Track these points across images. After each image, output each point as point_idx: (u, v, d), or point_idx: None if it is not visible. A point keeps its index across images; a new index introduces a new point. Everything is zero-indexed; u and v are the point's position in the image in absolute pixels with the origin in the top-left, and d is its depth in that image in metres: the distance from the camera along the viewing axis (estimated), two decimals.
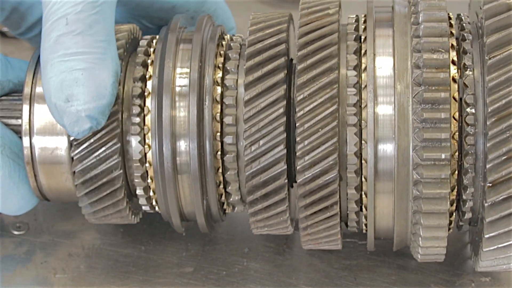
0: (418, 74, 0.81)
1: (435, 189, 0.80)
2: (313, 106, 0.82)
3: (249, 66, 0.85)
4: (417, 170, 0.81)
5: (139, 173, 0.88)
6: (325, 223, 0.84)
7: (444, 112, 0.80)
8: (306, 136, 0.82)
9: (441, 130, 0.80)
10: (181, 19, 0.92)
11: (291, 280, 0.95)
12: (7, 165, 0.88)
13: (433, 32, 0.81)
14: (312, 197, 0.83)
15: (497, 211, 0.80)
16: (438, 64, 0.80)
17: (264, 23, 0.88)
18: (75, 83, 0.82)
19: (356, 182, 0.84)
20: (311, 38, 0.84)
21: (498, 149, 0.79)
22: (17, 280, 0.96)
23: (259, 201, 0.85)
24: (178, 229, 0.92)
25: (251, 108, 0.84)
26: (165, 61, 0.87)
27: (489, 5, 0.82)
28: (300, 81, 0.83)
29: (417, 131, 0.80)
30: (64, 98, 0.82)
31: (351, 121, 0.83)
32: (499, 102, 0.79)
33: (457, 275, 0.94)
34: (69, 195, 0.91)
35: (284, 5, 1.39)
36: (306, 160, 0.82)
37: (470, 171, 0.82)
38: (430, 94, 0.80)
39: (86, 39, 0.82)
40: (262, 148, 0.84)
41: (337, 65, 0.83)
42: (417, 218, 0.82)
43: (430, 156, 0.80)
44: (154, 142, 0.86)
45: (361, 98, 0.83)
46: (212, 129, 0.86)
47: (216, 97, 0.86)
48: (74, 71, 0.82)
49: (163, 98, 0.86)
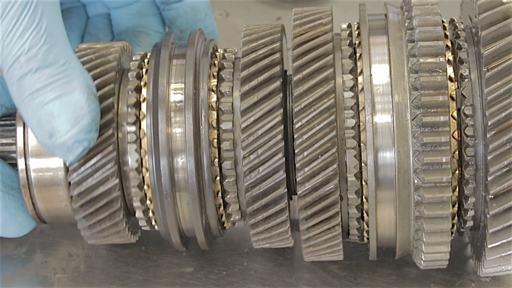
0: (416, 85, 0.80)
1: (436, 193, 0.80)
2: (311, 117, 0.82)
3: (244, 76, 0.84)
4: (418, 175, 0.81)
5: (137, 193, 0.87)
6: (327, 233, 0.84)
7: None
8: (305, 148, 0.82)
9: (440, 134, 0.80)
10: (173, 34, 0.91)
11: (291, 280, 0.95)
12: (1, 199, 0.88)
13: (429, 51, 0.81)
14: (313, 208, 0.83)
15: (500, 222, 0.80)
16: (436, 85, 0.80)
17: (257, 34, 0.87)
18: (51, 116, 0.82)
19: (357, 192, 0.83)
20: (305, 48, 0.84)
21: (499, 161, 0.79)
22: (17, 280, 0.96)
23: (259, 211, 0.85)
24: (177, 247, 0.91)
25: (248, 118, 0.83)
26: (159, 76, 0.87)
27: (484, 15, 0.81)
28: (297, 92, 0.82)
29: (416, 136, 0.80)
30: (47, 134, 0.82)
31: (349, 134, 0.82)
32: (499, 115, 0.79)
33: (457, 275, 0.94)
34: (67, 217, 0.90)
35: (284, 5, 1.39)
36: (306, 172, 0.82)
37: (470, 181, 0.82)
38: (429, 101, 0.80)
39: (44, 72, 0.82)
40: (260, 157, 0.83)
41: (333, 75, 0.83)
42: (419, 224, 0.82)
43: (432, 160, 0.80)
44: (151, 158, 0.85)
45: (359, 106, 0.83)
46: (209, 141, 0.85)
47: (212, 105, 0.86)
48: (45, 105, 0.82)
49: (158, 114, 0.85)
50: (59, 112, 0.82)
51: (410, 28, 0.83)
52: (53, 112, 0.82)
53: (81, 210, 0.87)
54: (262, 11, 1.39)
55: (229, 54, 0.90)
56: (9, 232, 0.91)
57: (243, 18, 1.37)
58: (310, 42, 0.84)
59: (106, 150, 0.85)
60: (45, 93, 0.82)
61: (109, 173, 0.85)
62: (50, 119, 0.82)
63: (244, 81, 0.84)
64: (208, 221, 0.89)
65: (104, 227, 0.88)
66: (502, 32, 0.80)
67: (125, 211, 0.89)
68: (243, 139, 0.83)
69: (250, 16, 1.38)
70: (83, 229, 0.89)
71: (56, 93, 0.82)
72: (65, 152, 0.83)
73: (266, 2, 1.40)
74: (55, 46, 0.82)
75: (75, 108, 0.82)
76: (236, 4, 1.40)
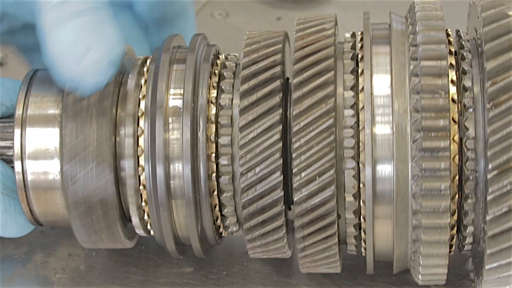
0: (416, 100, 0.80)
1: (434, 219, 0.80)
2: (309, 137, 0.81)
3: (244, 90, 0.83)
4: (416, 200, 0.80)
5: (133, 199, 0.86)
6: (323, 243, 0.83)
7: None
8: (303, 168, 0.81)
9: (440, 159, 0.79)
10: (176, 38, 0.91)
11: (291, 280, 0.95)
12: (2, 201, 0.88)
13: (432, 70, 0.79)
14: (310, 228, 0.82)
15: (498, 243, 0.79)
16: (437, 108, 0.79)
17: (259, 44, 0.86)
18: (87, 36, 0.83)
19: (354, 212, 0.83)
20: (306, 64, 0.82)
21: (499, 204, 0.78)
22: (17, 280, 0.96)
23: (256, 228, 0.84)
24: (174, 255, 0.91)
25: (246, 134, 0.82)
26: (158, 82, 0.86)
27: (488, 28, 0.80)
28: (296, 110, 0.81)
29: (416, 160, 0.79)
30: (80, 53, 0.83)
31: (348, 154, 0.81)
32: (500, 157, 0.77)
33: (457, 275, 0.94)
34: (63, 221, 0.89)
35: (284, 5, 1.39)
36: (303, 192, 0.81)
37: (469, 212, 0.82)
38: (430, 122, 0.79)
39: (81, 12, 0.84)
40: (258, 175, 0.82)
41: (333, 93, 0.81)
42: (417, 247, 0.82)
43: (430, 186, 0.79)
44: (147, 166, 0.85)
45: (359, 125, 0.81)
46: (207, 151, 0.85)
47: (211, 118, 0.85)
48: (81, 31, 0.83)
49: (156, 120, 0.85)
50: (97, 36, 0.83)
51: (414, 44, 0.81)
52: (90, 34, 0.83)
53: (76, 213, 0.86)
54: (262, 11, 1.39)
55: (230, 63, 0.89)
56: (9, 233, 0.91)
57: (243, 18, 1.37)
58: (311, 57, 0.83)
59: (102, 155, 0.84)
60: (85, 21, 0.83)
61: (106, 178, 0.85)
62: (88, 38, 0.83)
63: (244, 96, 0.83)
64: (204, 230, 0.88)
65: (98, 230, 0.87)
66: (505, 47, 0.79)
67: (122, 216, 0.89)
68: (241, 155, 0.82)
69: (250, 16, 1.38)
70: (77, 232, 0.88)
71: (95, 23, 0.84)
72: (94, 73, 0.83)
73: (266, 2, 1.40)
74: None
75: (111, 37, 0.84)
76: (236, 4, 1.40)
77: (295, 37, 0.85)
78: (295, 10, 1.39)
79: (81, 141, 0.85)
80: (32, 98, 0.88)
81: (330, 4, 1.38)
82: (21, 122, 0.87)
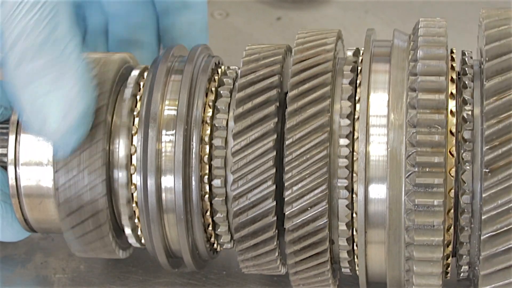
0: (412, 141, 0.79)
1: (427, 253, 0.79)
2: (302, 151, 0.79)
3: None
4: (409, 233, 0.79)
5: (125, 210, 0.86)
6: (315, 269, 0.82)
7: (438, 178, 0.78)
8: (295, 182, 0.79)
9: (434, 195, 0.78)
10: (176, 48, 0.90)
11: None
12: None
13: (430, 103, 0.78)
14: (302, 243, 0.81)
15: (493, 264, 0.78)
16: (433, 144, 0.78)
17: (259, 54, 0.85)
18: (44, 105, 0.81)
19: (348, 239, 0.82)
20: (302, 77, 0.81)
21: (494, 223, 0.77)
22: (17, 280, 0.96)
23: (247, 239, 0.83)
24: (165, 267, 0.89)
25: (239, 159, 0.81)
26: (154, 92, 0.85)
27: (490, 45, 0.78)
28: (290, 124, 0.80)
29: (409, 195, 0.78)
30: (40, 122, 0.81)
31: (342, 173, 0.80)
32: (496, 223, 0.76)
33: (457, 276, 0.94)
34: (57, 228, 0.88)
35: (284, 5, 1.39)
36: (294, 207, 0.80)
37: (465, 243, 0.81)
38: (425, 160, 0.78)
39: (40, 62, 0.81)
40: (250, 183, 0.81)
41: (328, 108, 0.80)
42: (410, 276, 0.81)
43: (423, 222, 0.78)
44: (139, 177, 0.83)
45: (353, 156, 0.80)
46: (200, 171, 0.83)
47: (205, 138, 0.84)
48: (39, 96, 0.81)
49: (149, 132, 0.83)
50: (52, 101, 0.80)
51: (414, 59, 0.80)
52: (46, 101, 0.80)
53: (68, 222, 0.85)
54: (262, 11, 1.39)
55: (228, 80, 0.87)
56: (6, 238, 0.91)
57: (243, 18, 1.37)
58: (308, 71, 0.82)
59: (95, 158, 0.84)
60: (40, 84, 0.80)
61: (97, 185, 0.84)
62: (44, 107, 0.80)
63: (238, 119, 0.82)
64: (197, 246, 0.87)
65: (91, 240, 0.86)
66: (506, 66, 0.77)
67: (115, 227, 0.88)
68: (233, 162, 0.81)
69: (250, 16, 1.38)
70: (69, 240, 0.87)
71: (50, 84, 0.80)
72: (57, 142, 0.82)
73: (266, 2, 1.40)
74: (54, 34, 0.81)
75: (68, 98, 0.81)
76: (236, 4, 1.40)
77: (294, 50, 0.84)
78: (295, 10, 1.39)
79: (74, 150, 0.84)
80: None
81: (330, 4, 1.38)
82: (16, 127, 0.87)
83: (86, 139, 0.84)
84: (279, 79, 0.83)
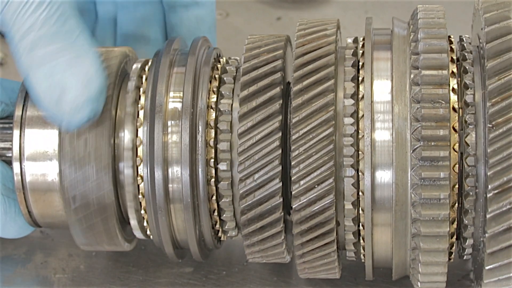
0: (417, 116, 0.80)
1: (433, 227, 0.79)
2: (308, 129, 0.80)
3: (244, 96, 0.83)
4: (415, 208, 0.79)
5: (132, 202, 0.86)
6: (322, 250, 0.83)
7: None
8: (301, 160, 0.80)
9: (439, 168, 0.78)
10: (177, 41, 0.90)
11: (291, 281, 0.95)
12: (2, 202, 0.88)
13: (433, 80, 0.79)
14: (308, 235, 0.82)
15: (498, 242, 0.79)
16: (437, 117, 0.79)
17: (259, 49, 0.86)
18: (62, 78, 0.82)
19: (353, 219, 0.82)
20: (306, 71, 0.82)
21: (498, 223, 0.78)
22: (17, 280, 0.96)
23: (254, 234, 0.84)
24: (171, 258, 0.90)
25: (245, 140, 0.82)
26: (158, 84, 0.85)
27: (490, 28, 0.79)
28: (295, 118, 0.81)
29: (415, 169, 0.79)
30: (57, 95, 0.82)
31: (348, 162, 0.81)
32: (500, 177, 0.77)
33: (457, 275, 0.94)
34: (61, 223, 0.89)
35: (284, 5, 1.39)
36: (302, 185, 0.80)
37: (469, 226, 0.82)
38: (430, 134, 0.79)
39: (56, 45, 0.82)
40: (257, 181, 0.82)
41: (333, 101, 0.81)
42: (415, 255, 0.81)
43: (429, 195, 0.79)
44: (145, 169, 0.84)
45: (358, 134, 0.81)
46: (206, 156, 0.84)
47: (210, 122, 0.85)
48: (56, 72, 0.82)
49: (155, 123, 0.84)
50: (72, 75, 0.82)
51: (415, 53, 0.81)
52: (65, 76, 0.82)
53: (74, 215, 0.86)
54: (262, 11, 1.39)
55: (231, 67, 0.88)
56: (9, 234, 0.91)
57: (243, 18, 1.37)
58: (312, 64, 0.82)
59: (101, 157, 0.84)
60: (57, 63, 0.82)
61: (104, 181, 0.84)
62: (61, 80, 0.81)
63: (243, 101, 0.83)
64: (203, 234, 0.88)
65: (96, 232, 0.87)
66: (506, 47, 0.79)
67: (121, 219, 0.88)
68: (239, 144, 0.82)
69: (250, 16, 1.38)
70: (75, 234, 0.88)
71: (66, 64, 0.82)
72: (73, 112, 0.82)
73: (266, 2, 1.40)
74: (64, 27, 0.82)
75: (88, 74, 0.82)
76: (236, 4, 1.40)
77: (296, 43, 0.84)
78: (295, 10, 1.39)
79: (80, 144, 0.85)
80: (31, 100, 0.88)
81: (330, 4, 1.39)
82: (20, 123, 0.87)
83: (92, 132, 0.85)
84: (282, 63, 0.84)
